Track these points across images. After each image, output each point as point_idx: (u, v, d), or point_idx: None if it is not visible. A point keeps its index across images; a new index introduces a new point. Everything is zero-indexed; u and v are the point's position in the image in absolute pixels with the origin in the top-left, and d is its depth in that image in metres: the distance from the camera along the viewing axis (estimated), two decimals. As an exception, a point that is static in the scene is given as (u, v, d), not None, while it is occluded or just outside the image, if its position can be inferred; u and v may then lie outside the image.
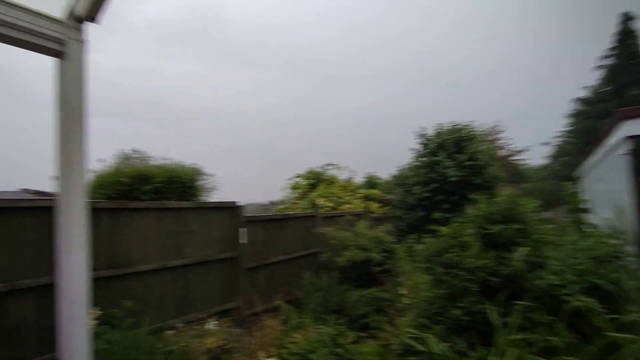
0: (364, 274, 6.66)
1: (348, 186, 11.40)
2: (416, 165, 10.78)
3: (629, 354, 2.75)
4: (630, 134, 7.01)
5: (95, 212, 4.02)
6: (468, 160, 9.69)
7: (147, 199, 4.93)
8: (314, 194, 10.61)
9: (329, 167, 12.13)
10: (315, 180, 11.45)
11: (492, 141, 13.48)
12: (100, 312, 3.72)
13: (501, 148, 20.58)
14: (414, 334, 3.43)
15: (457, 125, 10.62)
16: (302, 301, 6.21)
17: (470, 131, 10.47)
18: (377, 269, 6.52)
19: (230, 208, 5.66)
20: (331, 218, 8.09)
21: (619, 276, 3.18)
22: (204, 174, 6.03)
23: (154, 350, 3.74)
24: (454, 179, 9.61)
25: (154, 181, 5.13)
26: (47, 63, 2.02)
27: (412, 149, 11.15)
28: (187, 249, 4.99)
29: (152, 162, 5.58)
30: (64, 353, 2.16)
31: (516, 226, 3.69)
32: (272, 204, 13.05)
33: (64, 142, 2.14)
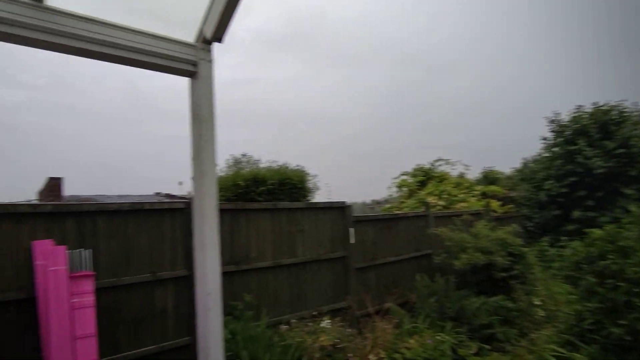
0: (485, 279, 6.05)
1: (462, 183, 10.52)
2: (547, 157, 9.40)
3: None
4: None
5: (219, 213, 4.47)
6: (619, 148, 8.01)
7: (261, 200, 5.29)
8: (423, 193, 10.10)
9: (439, 163, 11.39)
10: (424, 178, 10.89)
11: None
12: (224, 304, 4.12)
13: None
14: (558, 352, 2.93)
15: (601, 106, 8.88)
16: (416, 305, 5.93)
17: (621, 113, 8.64)
18: (502, 274, 5.83)
19: (339, 208, 5.73)
20: (445, 218, 7.57)
21: None
22: (310, 175, 6.23)
23: (272, 343, 3.97)
24: (600, 170, 8.03)
25: (267, 183, 5.48)
26: (168, 82, 2.27)
27: (541, 139, 9.75)
28: (299, 248, 5.21)
29: (261, 166, 5.99)
30: (201, 338, 2.42)
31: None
32: (377, 203, 12.87)
33: (198, 151, 2.39)
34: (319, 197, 6.40)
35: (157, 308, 3.90)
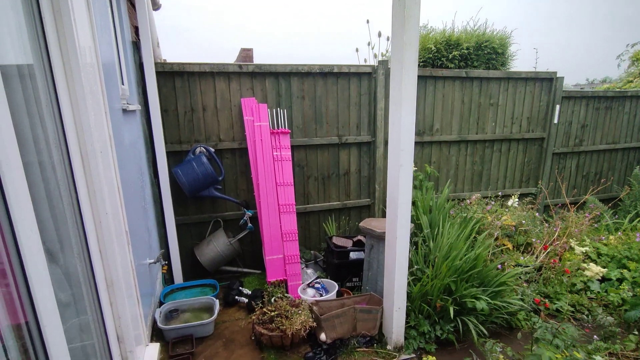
0: None
1: None
2: None
3: None
4: None
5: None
6: None
7: (452, 67, 4.81)
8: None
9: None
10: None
11: None
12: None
13: None
14: None
15: None
16: (624, 203, 5.08)
17: None
18: None
19: (546, 80, 4.83)
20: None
21: None
22: (513, 42, 5.23)
23: (450, 214, 4.05)
24: None
25: (461, 47, 4.87)
26: None
27: None
28: (489, 123, 4.78)
29: (457, 30, 5.23)
30: (391, 195, 2.61)
31: None
32: (591, 85, 10.34)
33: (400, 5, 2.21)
34: (521, 67, 5.45)
35: (342, 169, 4.32)
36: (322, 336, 2.72)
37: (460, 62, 4.86)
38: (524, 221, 4.22)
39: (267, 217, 3.60)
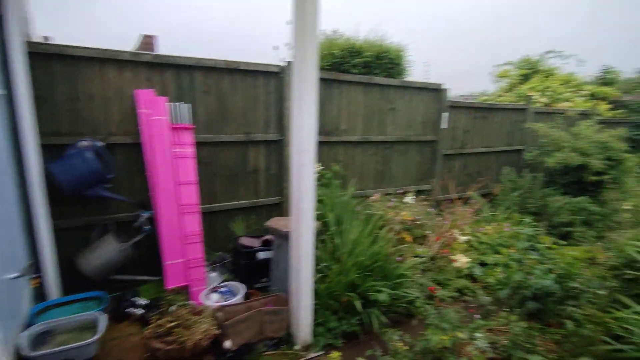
0: (575, 181, 5.77)
1: (570, 81, 9.21)
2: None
3: None
4: None
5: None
6: None
7: (356, 73, 5.05)
8: (524, 87, 9.06)
9: (549, 55, 9.86)
10: (530, 71, 9.62)
11: None
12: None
13: None
14: None
15: None
16: (498, 197, 5.91)
17: None
18: (594, 178, 5.48)
19: (434, 90, 5.37)
20: (545, 114, 6.90)
21: None
22: (408, 54, 5.71)
23: (356, 210, 4.23)
24: None
25: (363, 55, 5.14)
26: None
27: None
28: (389, 126, 5.12)
29: (359, 38, 5.52)
30: (294, 195, 2.62)
31: None
32: (470, 96, 11.91)
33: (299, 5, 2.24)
34: (415, 78, 5.99)
35: (250, 167, 4.21)
36: (227, 343, 2.57)
37: (363, 69, 5.12)
38: (419, 216, 4.61)
39: (167, 218, 3.30)
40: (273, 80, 4.12)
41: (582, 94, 8.73)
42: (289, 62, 4.10)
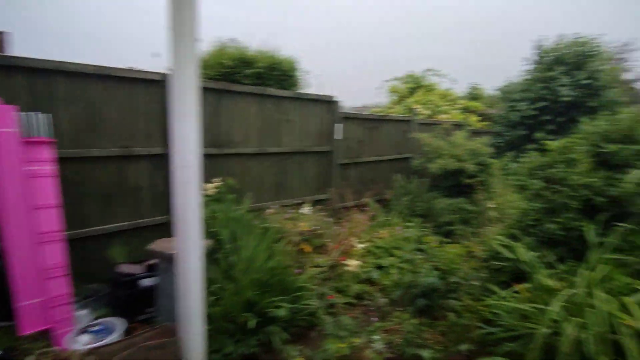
0: (454, 184, 6.48)
1: (447, 95, 10.56)
2: (527, 80, 9.58)
3: None
4: None
5: (202, 92, 4.17)
6: (586, 79, 8.40)
7: (248, 84, 4.96)
8: (410, 100, 10.04)
9: (430, 73, 11.18)
10: (414, 86, 10.76)
11: (619, 61, 11.26)
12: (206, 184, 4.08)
13: (628, 70, 16.79)
14: (502, 242, 3.33)
15: (580, 37, 9.03)
16: (391, 202, 6.31)
17: (594, 46, 8.92)
18: (469, 180, 6.24)
19: (327, 102, 5.55)
20: (427, 125, 7.70)
21: None
22: (301, 67, 5.84)
23: (252, 225, 4.10)
24: (566, 99, 8.57)
25: (255, 66, 5.08)
26: None
27: (525, 61, 9.79)
28: (285, 137, 5.12)
29: (251, 49, 5.47)
30: (179, 214, 2.37)
31: (637, 147, 3.23)
32: (365, 107, 12.76)
33: (175, 9, 2.09)
34: (311, 91, 6.14)
35: (131, 185, 3.78)
36: (98, 392, 2.18)
37: (257, 80, 5.06)
38: (318, 225, 4.65)
39: (19, 250, 2.72)
40: (155, 89, 3.78)
41: (457, 107, 10.04)
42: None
